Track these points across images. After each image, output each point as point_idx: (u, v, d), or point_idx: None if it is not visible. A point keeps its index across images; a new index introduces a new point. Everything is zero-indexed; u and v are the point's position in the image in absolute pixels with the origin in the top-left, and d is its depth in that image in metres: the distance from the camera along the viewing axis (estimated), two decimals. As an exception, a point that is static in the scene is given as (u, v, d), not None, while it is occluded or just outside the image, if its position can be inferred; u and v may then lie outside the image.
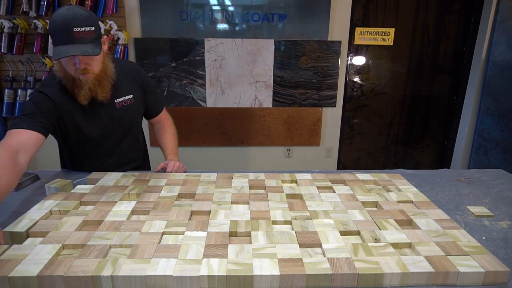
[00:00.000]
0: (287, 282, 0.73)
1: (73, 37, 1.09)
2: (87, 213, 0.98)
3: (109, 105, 1.31)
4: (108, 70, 1.26)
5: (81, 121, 1.27)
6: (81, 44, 1.10)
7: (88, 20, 1.12)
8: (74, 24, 1.08)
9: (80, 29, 1.09)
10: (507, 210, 1.10)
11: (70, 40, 1.09)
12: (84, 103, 1.23)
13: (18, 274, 0.71)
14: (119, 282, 0.72)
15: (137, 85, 1.40)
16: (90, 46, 1.12)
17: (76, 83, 1.20)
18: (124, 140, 1.42)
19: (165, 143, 1.49)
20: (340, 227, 0.92)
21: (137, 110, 1.42)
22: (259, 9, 2.81)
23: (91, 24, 1.13)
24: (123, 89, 1.35)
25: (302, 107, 3.06)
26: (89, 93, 1.22)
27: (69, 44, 1.09)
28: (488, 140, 3.13)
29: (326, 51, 2.91)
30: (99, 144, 1.35)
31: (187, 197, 1.12)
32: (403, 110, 3.27)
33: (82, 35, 1.10)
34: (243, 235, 0.90)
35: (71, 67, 1.16)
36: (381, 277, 0.74)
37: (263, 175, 1.29)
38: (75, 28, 1.08)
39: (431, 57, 3.13)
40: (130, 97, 1.37)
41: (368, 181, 1.25)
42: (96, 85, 1.22)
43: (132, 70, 1.40)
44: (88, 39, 1.12)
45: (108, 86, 1.26)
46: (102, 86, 1.24)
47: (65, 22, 1.08)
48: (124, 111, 1.36)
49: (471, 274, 0.75)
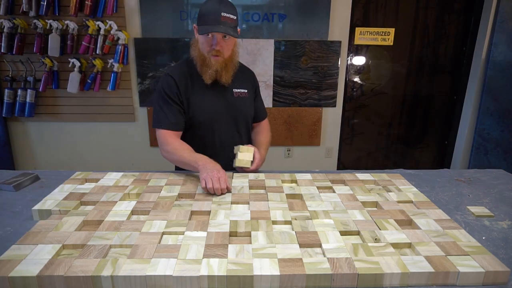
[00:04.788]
0: (287, 282, 0.73)
1: (219, 20, 1.26)
2: (87, 213, 0.98)
3: (227, 92, 1.44)
4: (235, 58, 1.41)
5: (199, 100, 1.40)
6: (225, 26, 1.27)
7: (234, 10, 1.30)
8: (222, 9, 1.26)
9: (226, 15, 1.27)
10: (507, 210, 1.10)
11: (216, 22, 1.26)
12: (208, 82, 1.37)
13: (18, 274, 0.71)
14: (119, 282, 0.72)
15: (252, 86, 1.54)
16: (231, 30, 1.28)
17: (206, 63, 1.34)
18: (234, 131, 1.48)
19: (260, 140, 1.56)
20: (340, 227, 0.92)
21: (250, 104, 1.53)
22: (259, 9, 2.81)
23: (235, 14, 1.30)
24: (242, 83, 1.49)
25: (302, 107, 3.06)
26: (215, 75, 1.36)
27: (215, 24, 1.26)
28: (488, 140, 3.13)
29: (326, 51, 2.91)
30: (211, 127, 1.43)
31: (187, 197, 1.12)
32: (403, 110, 3.27)
33: (226, 20, 1.27)
34: (243, 235, 0.89)
35: (207, 47, 1.32)
36: (381, 277, 0.74)
37: (263, 175, 1.29)
38: (223, 13, 1.26)
39: (431, 57, 3.13)
40: (245, 91, 1.49)
41: (368, 181, 1.25)
42: (223, 68, 1.36)
43: (250, 73, 1.57)
44: (230, 24, 1.28)
45: (231, 72, 1.40)
46: (227, 70, 1.38)
47: (215, 8, 1.26)
48: (240, 100, 1.47)
49: (471, 274, 0.75)
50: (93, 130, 2.95)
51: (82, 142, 2.97)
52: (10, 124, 2.91)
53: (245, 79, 1.51)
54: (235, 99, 1.45)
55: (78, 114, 2.87)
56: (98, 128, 2.94)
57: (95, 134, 2.96)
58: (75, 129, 2.94)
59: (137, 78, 2.87)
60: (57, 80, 2.73)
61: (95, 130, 2.95)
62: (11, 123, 2.90)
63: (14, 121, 2.90)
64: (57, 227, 0.90)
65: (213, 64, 1.33)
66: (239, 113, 1.47)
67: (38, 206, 1.01)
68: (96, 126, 2.93)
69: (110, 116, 2.89)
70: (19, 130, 2.93)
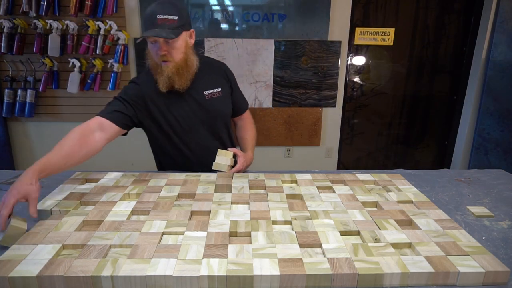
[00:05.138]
0: (287, 282, 0.73)
1: (155, 23, 1.19)
2: (87, 213, 0.98)
3: (199, 95, 1.38)
4: (189, 61, 1.31)
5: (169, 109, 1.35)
6: (161, 29, 1.19)
7: (172, 10, 1.20)
8: (158, 11, 1.19)
9: (162, 16, 1.19)
10: (507, 210, 1.10)
11: (152, 26, 1.19)
12: (164, 90, 1.30)
13: (18, 274, 0.71)
14: (119, 282, 0.72)
15: (225, 81, 1.47)
16: (168, 31, 1.19)
17: (159, 70, 1.28)
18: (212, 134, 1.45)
19: (246, 139, 1.55)
20: (340, 227, 0.92)
21: (226, 102, 1.47)
22: (259, 9, 2.81)
23: (175, 14, 1.21)
24: (213, 82, 1.42)
25: (302, 107, 3.06)
26: (168, 81, 1.28)
27: (150, 28, 1.19)
28: (488, 140, 3.13)
29: (326, 51, 2.91)
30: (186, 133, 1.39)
31: (187, 197, 1.12)
32: (403, 110, 3.27)
33: (163, 22, 1.19)
34: (243, 235, 0.89)
35: (154, 54, 1.26)
36: (381, 277, 0.74)
37: (263, 175, 1.29)
38: (158, 15, 1.18)
39: (431, 57, 3.13)
40: (218, 90, 1.42)
41: (368, 181, 1.25)
42: (175, 74, 1.28)
43: (221, 66, 1.49)
44: (168, 26, 1.19)
45: (187, 76, 1.32)
46: (180, 76, 1.29)
47: (151, 11, 1.19)
48: (213, 101, 1.41)
49: (471, 274, 0.75)
50: (93, 130, 2.94)
51: (82, 142, 2.96)
52: (10, 124, 2.91)
53: (215, 77, 1.43)
54: (208, 102, 1.39)
55: (78, 114, 2.87)
56: (98, 128, 2.94)
57: (95, 134, 2.95)
58: (75, 129, 2.94)
59: (137, 78, 2.87)
60: (57, 80, 2.73)
61: (95, 130, 2.94)
62: (11, 123, 2.90)
63: (14, 121, 2.90)
64: (57, 227, 0.90)
65: (164, 70, 1.26)
66: (215, 115, 1.42)
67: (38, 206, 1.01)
68: (96, 126, 2.93)
69: (110, 116, 2.89)
70: (19, 130, 2.93)
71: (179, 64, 1.27)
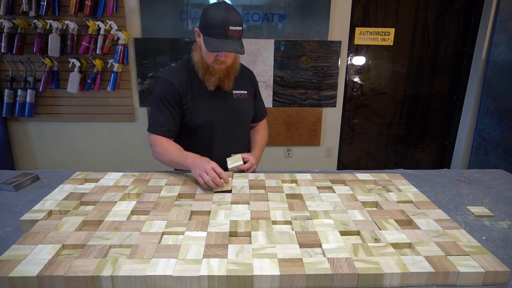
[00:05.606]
0: (287, 282, 0.73)
1: (227, 34, 1.23)
2: (87, 213, 0.98)
3: (227, 94, 1.43)
4: (237, 64, 1.41)
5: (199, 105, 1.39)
6: (233, 42, 1.25)
7: (240, 21, 1.26)
8: (231, 23, 1.22)
9: (234, 28, 1.23)
10: (507, 210, 1.10)
11: (224, 36, 1.23)
12: (212, 89, 1.37)
13: (18, 274, 0.71)
14: (119, 282, 0.72)
15: (251, 86, 1.54)
16: (239, 44, 1.27)
17: (209, 70, 1.34)
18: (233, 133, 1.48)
19: (256, 140, 1.56)
20: (340, 227, 0.92)
21: (250, 105, 1.53)
22: (259, 9, 2.81)
23: (241, 24, 1.27)
24: (241, 84, 1.48)
25: (302, 107, 3.05)
26: (218, 81, 1.36)
27: (223, 39, 1.23)
28: (488, 140, 3.13)
29: (326, 51, 2.91)
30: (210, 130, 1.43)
31: (187, 197, 1.12)
32: (403, 110, 3.27)
33: (234, 33, 1.24)
34: (243, 235, 0.89)
35: (211, 57, 1.30)
36: (381, 277, 0.74)
37: (263, 175, 1.29)
38: (231, 26, 1.22)
39: (431, 57, 3.13)
40: (245, 93, 1.49)
41: (368, 181, 1.25)
42: (225, 75, 1.37)
43: (250, 73, 1.57)
44: (237, 37, 1.26)
45: (233, 78, 1.40)
46: (229, 77, 1.38)
47: (224, 21, 1.22)
48: (239, 102, 1.47)
49: (471, 274, 0.75)
50: (93, 130, 2.94)
51: (82, 142, 2.97)
52: (10, 124, 2.91)
53: (244, 80, 1.50)
54: (235, 101, 1.45)
55: (78, 114, 2.87)
56: (98, 128, 2.94)
57: (95, 134, 2.96)
58: (75, 129, 2.94)
59: (137, 78, 2.87)
60: (57, 80, 2.73)
61: (95, 130, 2.95)
62: (11, 123, 2.90)
63: (14, 121, 2.90)
64: (57, 227, 0.90)
65: (217, 72, 1.33)
66: (239, 115, 1.47)
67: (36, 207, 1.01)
68: (96, 126, 2.93)
69: (110, 116, 2.89)
70: (19, 130, 2.93)
71: (230, 67, 1.36)
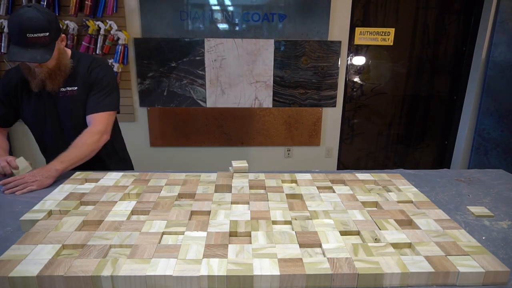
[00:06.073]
0: (287, 282, 0.73)
1: (25, 42, 1.19)
2: (87, 213, 0.98)
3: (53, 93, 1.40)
4: (62, 66, 1.36)
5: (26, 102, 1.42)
6: (33, 50, 1.20)
7: (43, 26, 1.20)
8: (28, 30, 1.17)
9: (33, 35, 1.19)
10: (507, 210, 1.10)
11: (22, 44, 1.19)
12: (35, 91, 1.36)
13: (18, 274, 0.71)
14: (119, 282, 0.72)
15: (86, 79, 1.43)
16: (41, 52, 1.22)
17: (31, 72, 1.32)
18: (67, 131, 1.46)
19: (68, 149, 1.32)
20: (340, 227, 0.92)
21: (80, 101, 1.43)
22: (259, 9, 2.81)
23: (45, 30, 1.21)
24: (74, 80, 1.42)
25: (302, 107, 3.06)
26: (41, 83, 1.34)
27: (21, 47, 1.20)
28: (488, 140, 3.13)
29: (326, 51, 2.91)
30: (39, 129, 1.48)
31: (187, 197, 1.12)
32: (403, 110, 3.27)
33: (35, 41, 1.20)
34: (243, 235, 0.89)
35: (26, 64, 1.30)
36: (381, 277, 0.74)
37: (263, 175, 1.29)
38: (28, 34, 1.18)
39: (431, 57, 3.13)
40: (74, 89, 1.42)
41: (368, 181, 1.25)
42: (47, 77, 1.34)
43: (90, 65, 1.44)
44: (40, 44, 1.21)
45: (59, 79, 1.37)
46: (52, 79, 1.35)
47: (20, 27, 1.17)
48: (66, 100, 1.42)
49: (471, 274, 0.75)
50: (93, 130, 2.94)
51: (82, 142, 2.96)
52: (10, 124, 2.91)
53: (79, 76, 1.42)
54: (61, 99, 1.41)
55: (78, 114, 2.87)
56: (98, 128, 2.94)
57: (95, 134, 2.95)
58: (75, 129, 2.94)
59: (137, 78, 2.87)
60: (57, 80, 2.73)
61: (95, 130, 2.94)
62: (11, 123, 2.90)
63: (14, 121, 2.90)
64: (57, 227, 0.90)
65: (38, 74, 1.31)
66: (66, 112, 1.43)
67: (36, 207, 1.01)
68: (96, 126, 2.93)
69: (110, 116, 2.89)
70: (19, 130, 2.93)
71: (52, 69, 1.33)
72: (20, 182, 1.18)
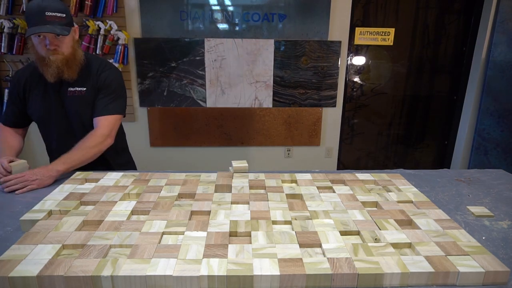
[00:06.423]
0: (287, 282, 0.73)
1: (44, 20, 1.23)
2: (87, 213, 0.98)
3: (62, 91, 1.42)
4: (77, 55, 1.39)
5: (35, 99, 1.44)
6: (51, 25, 1.25)
7: (61, 8, 1.27)
8: (47, 8, 1.24)
9: (51, 14, 1.24)
10: (507, 210, 1.10)
11: (41, 22, 1.23)
12: (52, 81, 1.36)
13: (18, 274, 0.71)
14: (119, 282, 0.72)
15: (95, 81, 1.45)
16: (59, 27, 1.26)
17: (46, 62, 1.33)
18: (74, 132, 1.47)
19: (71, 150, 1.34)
20: (340, 227, 0.92)
21: (87, 103, 1.45)
22: (259, 9, 2.81)
23: (63, 12, 1.28)
24: (84, 81, 1.44)
25: (302, 107, 3.06)
26: (57, 72, 1.35)
27: (40, 25, 1.23)
28: (488, 140, 3.13)
29: (326, 51, 2.91)
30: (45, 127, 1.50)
31: (187, 197, 1.12)
32: (403, 110, 3.27)
33: (53, 19, 1.25)
34: (243, 235, 0.89)
35: (42, 49, 1.30)
36: (381, 277, 0.74)
37: (263, 175, 1.29)
38: (47, 12, 1.23)
39: (431, 57, 3.13)
40: (83, 89, 1.44)
41: (368, 181, 1.25)
42: (64, 65, 1.35)
43: (100, 67, 1.46)
44: (58, 22, 1.26)
45: (75, 68, 1.39)
46: (69, 67, 1.36)
47: (39, 6, 1.24)
48: (73, 99, 1.43)
49: (471, 274, 0.75)
50: (93, 130, 2.94)
51: (82, 142, 2.97)
52: (10, 124, 2.91)
53: (87, 78, 1.44)
54: (69, 98, 1.42)
55: (78, 114, 2.87)
56: (98, 128, 2.94)
57: (95, 134, 2.95)
58: (75, 129, 2.94)
59: (137, 78, 2.87)
60: (57, 80, 2.73)
61: (95, 130, 2.94)
62: (11, 123, 2.90)
63: (14, 121, 2.90)
64: (57, 227, 0.90)
65: (53, 61, 1.32)
66: (73, 112, 1.44)
67: (35, 207, 1.01)
68: (96, 126, 2.93)
69: (110, 116, 2.89)
70: (19, 130, 2.93)
71: (68, 57, 1.35)
72: (20, 180, 1.19)
